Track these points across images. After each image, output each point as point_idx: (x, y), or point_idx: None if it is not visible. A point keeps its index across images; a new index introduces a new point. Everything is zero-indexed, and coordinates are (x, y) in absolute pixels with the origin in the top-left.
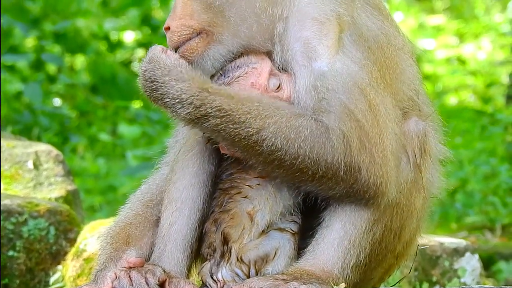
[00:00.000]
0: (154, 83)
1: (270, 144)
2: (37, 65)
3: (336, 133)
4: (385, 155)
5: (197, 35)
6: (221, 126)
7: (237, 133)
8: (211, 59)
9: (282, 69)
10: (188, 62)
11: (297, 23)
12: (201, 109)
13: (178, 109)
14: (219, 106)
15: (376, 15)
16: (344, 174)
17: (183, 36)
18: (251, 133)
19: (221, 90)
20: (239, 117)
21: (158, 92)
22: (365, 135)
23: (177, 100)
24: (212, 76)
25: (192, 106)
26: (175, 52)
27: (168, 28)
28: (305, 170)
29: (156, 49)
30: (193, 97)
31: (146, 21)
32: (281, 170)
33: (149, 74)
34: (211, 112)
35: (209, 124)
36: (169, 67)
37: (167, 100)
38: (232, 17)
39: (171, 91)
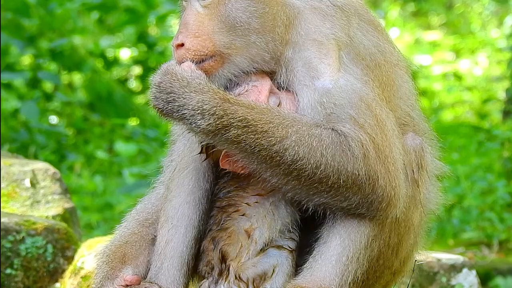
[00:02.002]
0: (171, 94)
1: (293, 153)
2: (34, 83)
3: (355, 141)
4: (397, 168)
5: (212, 57)
6: (242, 136)
7: (258, 143)
8: (222, 78)
9: (282, 88)
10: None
11: (299, 46)
12: (223, 120)
13: (198, 120)
14: (241, 116)
15: (371, 32)
16: (364, 182)
17: (200, 55)
18: (273, 142)
19: (242, 101)
20: (262, 127)
21: (175, 104)
22: (377, 147)
23: (197, 111)
24: None
25: (214, 117)
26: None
27: (181, 45)
28: (324, 179)
29: (170, 63)
30: (215, 108)
31: (142, 38)
32: (298, 181)
33: (165, 86)
34: (233, 123)
35: (230, 135)
36: (187, 79)
37: (185, 111)
38: (257, 41)
39: (191, 103)
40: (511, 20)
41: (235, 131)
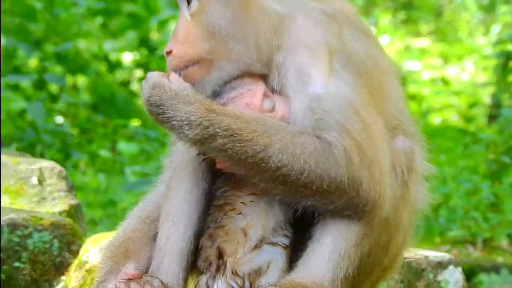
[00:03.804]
0: (161, 107)
1: (277, 160)
2: (40, 84)
3: (338, 148)
4: (382, 172)
5: (196, 63)
6: (228, 145)
7: (243, 152)
8: (212, 83)
9: (276, 91)
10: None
11: (291, 51)
12: (209, 130)
13: (186, 130)
14: (227, 125)
15: (363, 39)
16: (347, 187)
17: (184, 61)
18: (258, 150)
19: (227, 111)
20: (246, 136)
21: (165, 116)
22: (363, 152)
23: (185, 122)
24: (208, 97)
25: (201, 127)
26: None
27: (169, 52)
28: (309, 185)
29: (155, 75)
30: (201, 119)
31: (144, 42)
32: (285, 186)
33: (154, 99)
34: (219, 132)
35: (216, 144)
36: (174, 91)
37: (174, 122)
38: (235, 47)
39: (179, 114)
40: (498, 28)
41: (221, 140)
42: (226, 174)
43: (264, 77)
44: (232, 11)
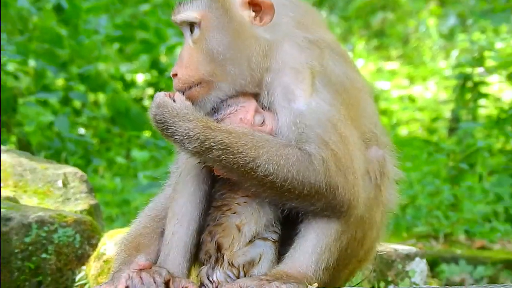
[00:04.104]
0: (165, 124)
1: (264, 170)
2: (65, 101)
3: (317, 159)
4: (356, 177)
5: (198, 84)
6: (222, 156)
7: (235, 162)
8: (211, 101)
9: (266, 108)
10: (192, 104)
11: (279, 72)
12: (205, 144)
13: (186, 144)
14: (220, 140)
15: (341, 63)
16: (325, 192)
17: (188, 83)
18: (247, 161)
19: (221, 127)
20: (238, 149)
21: (169, 131)
22: (339, 161)
23: (185, 137)
24: (208, 113)
25: (198, 141)
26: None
27: (175, 75)
28: (292, 190)
29: (161, 95)
30: (199, 134)
31: (155, 65)
32: (272, 190)
33: (159, 117)
34: (214, 146)
35: (212, 156)
36: (176, 110)
37: (177, 137)
38: (232, 70)
39: (180, 130)
40: (456, 53)
41: (216, 152)
42: (223, 179)
43: (255, 95)
44: (228, 38)
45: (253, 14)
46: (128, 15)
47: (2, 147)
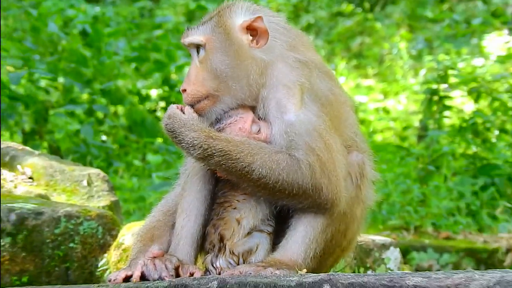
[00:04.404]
0: (174, 132)
1: (258, 173)
2: (90, 112)
3: (304, 163)
4: (338, 179)
5: (205, 98)
6: (222, 162)
7: (233, 167)
8: (216, 113)
9: (261, 118)
10: (198, 115)
11: (273, 88)
12: (207, 151)
13: (191, 150)
14: (220, 148)
15: (326, 80)
16: (311, 192)
17: (196, 98)
18: (244, 166)
19: (221, 137)
20: (235, 155)
21: (177, 139)
22: (324, 165)
23: (190, 145)
24: (212, 122)
25: (201, 149)
26: (191, 107)
27: (184, 90)
28: (283, 190)
29: (173, 107)
30: (202, 143)
31: (166, 81)
32: (266, 190)
33: (170, 127)
34: (215, 153)
35: (213, 161)
36: (183, 121)
37: (183, 144)
38: (233, 86)
39: (186, 139)
40: (424, 72)
41: (217, 158)
42: (225, 180)
43: (252, 108)
44: (229, 59)
45: (250, 38)
46: (143, 39)
47: (36, 151)
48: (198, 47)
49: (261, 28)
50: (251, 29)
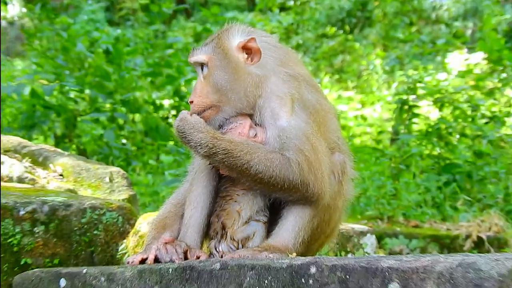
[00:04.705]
0: (184, 133)
1: (255, 169)
2: (112, 119)
3: (294, 162)
4: (323, 176)
5: (209, 108)
6: (225, 159)
7: (234, 163)
8: (218, 120)
9: (258, 124)
10: (204, 121)
11: (268, 98)
12: (212, 149)
13: (199, 149)
14: (224, 147)
15: (313, 91)
16: (299, 187)
17: (201, 108)
18: (243, 163)
19: (225, 137)
20: (236, 154)
21: (186, 139)
22: (311, 164)
23: (198, 144)
24: (214, 128)
25: (207, 147)
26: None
27: (191, 102)
28: (275, 184)
29: (184, 113)
30: (208, 142)
31: (177, 93)
32: (261, 185)
33: (180, 128)
34: (219, 151)
35: (217, 158)
36: (192, 123)
37: (192, 143)
38: (232, 97)
39: (194, 138)
40: (395, 85)
41: (221, 156)
42: (227, 177)
43: (250, 115)
44: (228, 75)
45: (246, 56)
46: (157, 57)
47: (66, 152)
48: (202, 65)
49: (254, 47)
50: (246, 49)
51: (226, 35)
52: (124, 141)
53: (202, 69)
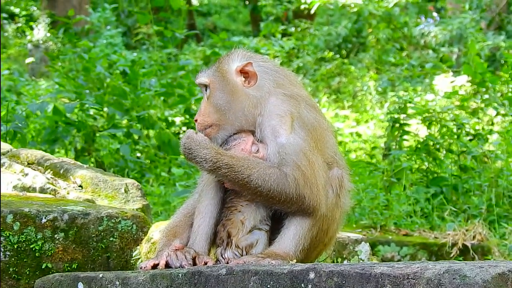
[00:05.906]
0: (190, 150)
1: (255, 183)
2: (128, 135)
3: (291, 177)
4: (319, 190)
5: (210, 126)
6: (227, 173)
7: (236, 177)
8: (220, 138)
9: (259, 141)
10: (208, 138)
11: (268, 117)
12: (216, 164)
13: (204, 164)
14: (226, 162)
15: (312, 110)
16: (296, 200)
17: (204, 126)
18: (244, 177)
19: (227, 153)
20: (238, 169)
21: (192, 155)
22: (307, 179)
23: (203, 159)
24: (220, 144)
25: (211, 162)
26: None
27: (196, 120)
28: (273, 197)
29: (190, 131)
30: (212, 157)
31: (187, 111)
32: (261, 197)
33: (187, 145)
34: (222, 166)
35: (221, 172)
36: (198, 141)
37: (198, 159)
38: (231, 117)
39: (200, 154)
40: (387, 104)
41: (224, 170)
42: (231, 189)
43: (252, 132)
44: (227, 96)
45: (243, 79)
46: (170, 78)
47: (85, 165)
48: (205, 86)
49: (250, 71)
50: (243, 72)
51: (226, 59)
52: (138, 154)
53: (206, 90)
